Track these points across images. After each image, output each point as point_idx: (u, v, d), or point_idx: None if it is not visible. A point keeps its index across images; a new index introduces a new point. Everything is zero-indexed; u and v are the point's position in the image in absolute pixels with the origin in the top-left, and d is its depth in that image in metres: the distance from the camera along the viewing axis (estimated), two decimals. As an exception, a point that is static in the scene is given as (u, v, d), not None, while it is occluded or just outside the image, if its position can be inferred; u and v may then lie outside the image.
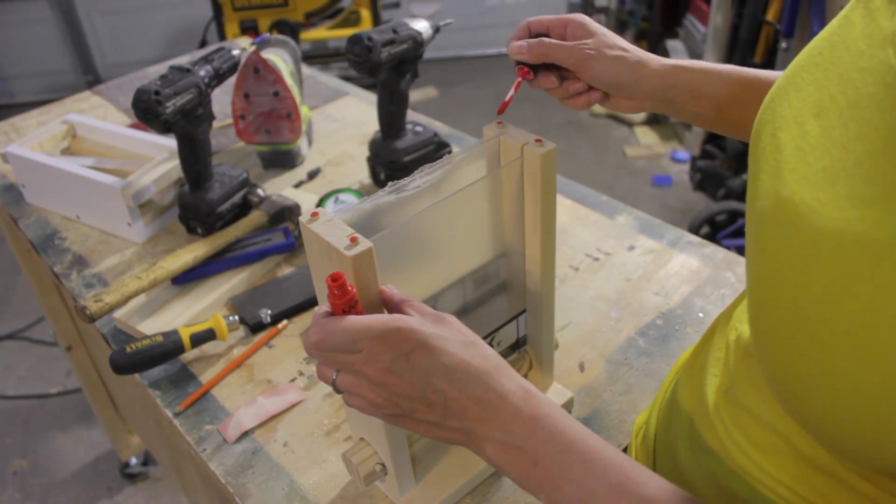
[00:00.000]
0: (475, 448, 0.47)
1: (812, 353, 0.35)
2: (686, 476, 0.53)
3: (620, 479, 0.43)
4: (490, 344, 0.65)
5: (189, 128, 0.91)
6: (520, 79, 0.67)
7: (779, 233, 0.37)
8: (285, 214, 0.99)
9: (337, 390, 0.49)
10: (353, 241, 0.47)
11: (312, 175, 1.14)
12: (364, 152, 1.19)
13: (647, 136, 3.14)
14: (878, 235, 0.32)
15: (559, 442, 0.44)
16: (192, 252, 0.90)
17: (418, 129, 1.07)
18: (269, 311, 0.86)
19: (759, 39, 2.33)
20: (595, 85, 0.66)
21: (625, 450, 0.69)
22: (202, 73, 0.90)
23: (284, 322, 0.86)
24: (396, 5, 3.66)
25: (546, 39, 0.65)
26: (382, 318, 0.46)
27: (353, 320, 0.46)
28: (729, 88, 0.65)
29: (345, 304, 0.47)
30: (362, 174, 1.14)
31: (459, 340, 0.47)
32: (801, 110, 0.40)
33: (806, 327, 0.35)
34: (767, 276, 0.38)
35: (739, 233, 2.29)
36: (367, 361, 0.45)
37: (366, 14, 2.92)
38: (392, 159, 1.05)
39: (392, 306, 0.50)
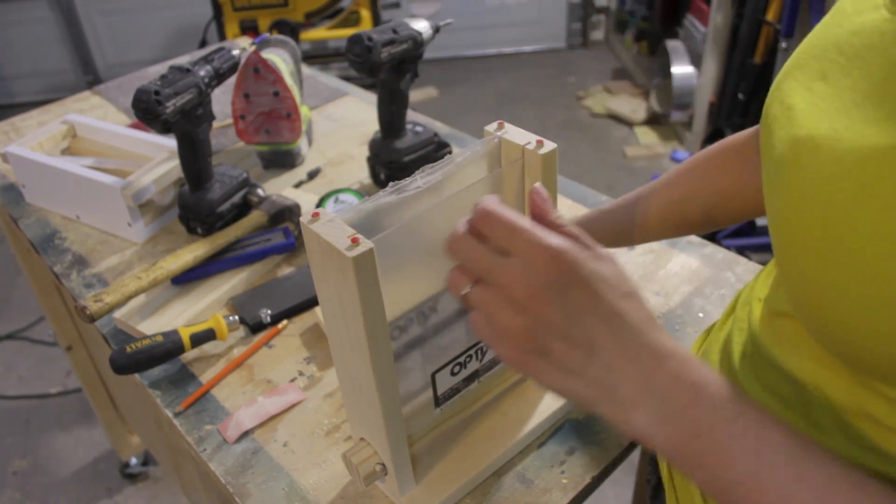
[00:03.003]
0: (615, 412, 0.41)
1: (842, 259, 0.36)
2: None
3: (798, 453, 0.38)
4: (490, 344, 0.65)
5: (189, 128, 0.91)
6: None
7: (799, 167, 0.39)
8: (285, 214, 0.99)
9: (467, 306, 0.43)
10: (355, 241, 0.47)
11: (312, 175, 1.14)
12: (364, 152, 1.19)
13: (647, 136, 3.14)
14: None
15: (729, 410, 0.39)
16: (192, 252, 0.90)
17: (418, 129, 1.07)
18: (269, 311, 0.86)
19: (759, 39, 2.33)
20: None
21: (627, 449, 0.69)
22: (202, 73, 0.90)
23: (284, 322, 0.86)
24: (396, 5, 3.66)
25: None
26: (549, 233, 0.41)
27: (520, 216, 0.41)
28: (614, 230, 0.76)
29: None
30: (362, 174, 1.14)
31: (620, 290, 0.41)
32: (806, 79, 0.42)
33: (833, 232, 0.36)
34: (792, 206, 0.40)
35: (739, 233, 2.29)
36: (518, 274, 0.40)
37: (366, 14, 2.92)
38: (392, 159, 1.05)
39: (546, 224, 0.44)
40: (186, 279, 0.90)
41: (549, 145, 0.56)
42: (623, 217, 0.75)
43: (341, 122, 1.30)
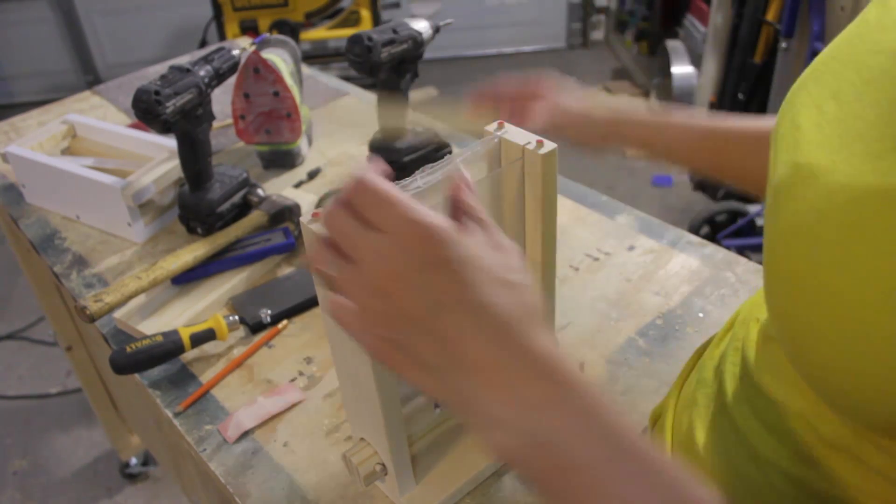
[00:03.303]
0: (475, 429, 0.35)
1: (826, 302, 0.35)
2: (704, 464, 0.54)
3: (684, 498, 0.34)
4: (490, 344, 0.65)
5: (189, 128, 0.91)
6: None
7: (793, 196, 0.38)
8: (285, 214, 0.99)
9: (326, 285, 0.39)
10: (354, 241, 0.47)
11: (312, 175, 1.14)
12: (364, 152, 1.19)
13: (647, 136, 3.14)
14: (890, 182, 0.33)
15: (612, 444, 0.34)
16: (192, 252, 0.90)
17: (418, 129, 1.07)
18: (269, 311, 0.86)
19: (759, 39, 2.33)
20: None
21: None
22: (202, 73, 0.90)
23: (284, 322, 0.86)
24: (396, 5, 3.66)
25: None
26: (424, 210, 0.36)
27: (396, 189, 0.36)
28: (660, 137, 0.74)
29: None
30: (362, 174, 1.14)
31: (499, 278, 0.36)
32: (819, 95, 0.41)
33: (819, 274, 0.36)
34: (782, 237, 0.39)
35: (739, 233, 2.29)
36: (383, 252, 0.35)
37: (366, 14, 2.93)
38: (392, 159, 1.05)
39: (455, 207, 0.40)
40: (186, 279, 0.90)
41: (549, 145, 0.56)
42: (690, 127, 0.74)
43: (341, 122, 1.30)
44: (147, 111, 0.84)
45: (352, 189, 0.37)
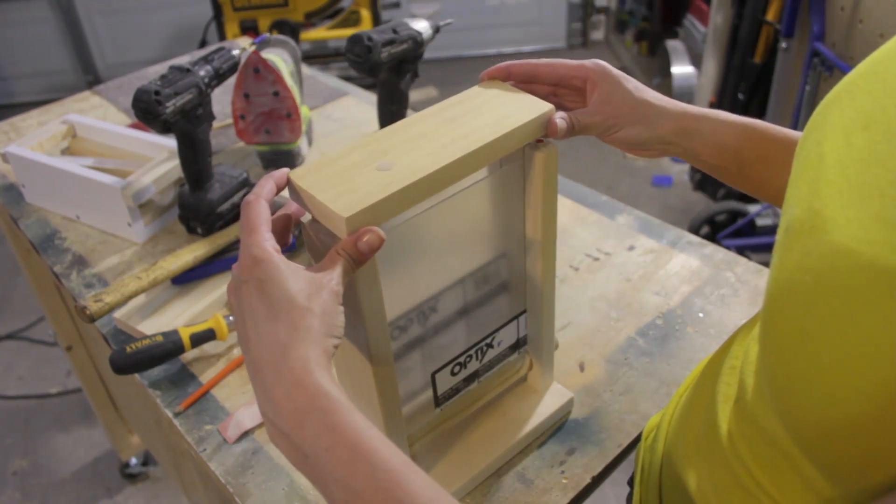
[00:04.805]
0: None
1: (814, 377, 0.33)
2: (688, 486, 0.53)
3: (388, 486, 0.39)
4: (490, 344, 0.65)
5: (189, 128, 0.91)
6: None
7: (801, 245, 0.35)
8: (285, 214, 0.99)
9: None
10: (354, 241, 0.47)
11: (312, 175, 1.14)
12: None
13: (647, 136, 3.13)
14: (894, 262, 0.30)
15: (327, 438, 0.41)
16: (192, 252, 0.90)
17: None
18: (270, 311, 0.85)
19: (759, 39, 2.33)
20: (615, 144, 0.63)
21: (626, 449, 0.70)
22: (202, 73, 0.90)
23: (284, 322, 0.86)
24: (396, 5, 3.66)
25: (581, 118, 0.60)
26: (265, 240, 0.45)
27: (261, 217, 0.46)
28: (752, 143, 0.61)
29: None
30: (362, 174, 1.14)
31: (291, 301, 0.43)
32: (851, 120, 0.37)
33: (807, 348, 0.33)
34: (781, 289, 0.36)
35: (739, 233, 2.29)
36: (236, 265, 0.46)
37: (366, 14, 2.93)
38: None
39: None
40: (186, 279, 0.90)
41: (549, 146, 0.56)
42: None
43: (341, 122, 1.30)
44: (147, 111, 0.84)
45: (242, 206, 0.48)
